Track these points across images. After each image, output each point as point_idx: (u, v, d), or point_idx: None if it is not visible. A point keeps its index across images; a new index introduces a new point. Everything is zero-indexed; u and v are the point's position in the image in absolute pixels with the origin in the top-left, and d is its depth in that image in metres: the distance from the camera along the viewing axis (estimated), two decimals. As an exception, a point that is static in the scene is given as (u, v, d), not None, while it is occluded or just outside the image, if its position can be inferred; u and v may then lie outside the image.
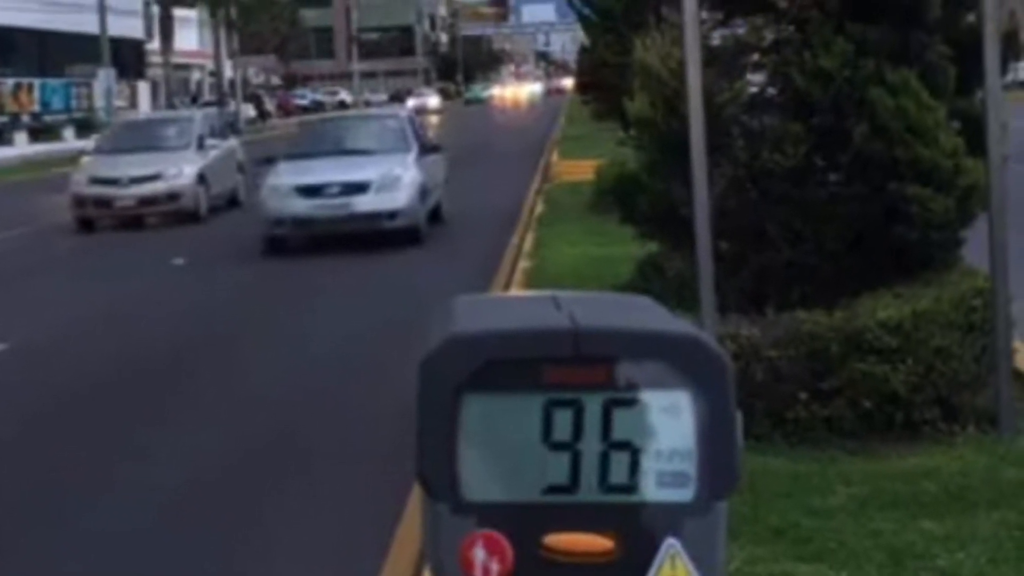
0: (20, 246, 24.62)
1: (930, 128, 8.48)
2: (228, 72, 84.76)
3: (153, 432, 10.43)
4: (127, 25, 75.93)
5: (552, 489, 3.17)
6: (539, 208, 24.65)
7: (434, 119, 77.75)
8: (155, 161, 26.69)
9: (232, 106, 75.95)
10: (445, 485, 3.16)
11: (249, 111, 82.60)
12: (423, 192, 21.53)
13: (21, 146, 60.83)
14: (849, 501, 7.02)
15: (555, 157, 37.92)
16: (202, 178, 27.01)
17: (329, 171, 21.43)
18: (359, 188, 20.97)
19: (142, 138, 28.42)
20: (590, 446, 3.17)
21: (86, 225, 26.40)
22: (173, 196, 26.50)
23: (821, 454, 7.85)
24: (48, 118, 68.11)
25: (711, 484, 3.18)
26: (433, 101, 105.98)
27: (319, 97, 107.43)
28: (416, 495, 6.03)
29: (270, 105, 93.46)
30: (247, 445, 9.93)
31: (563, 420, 3.16)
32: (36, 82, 67.81)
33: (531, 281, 15.54)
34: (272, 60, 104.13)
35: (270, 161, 22.82)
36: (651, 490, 3.17)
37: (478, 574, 3.16)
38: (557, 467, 3.17)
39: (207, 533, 8.01)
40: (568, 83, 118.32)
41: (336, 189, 20.99)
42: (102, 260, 22.52)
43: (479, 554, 3.16)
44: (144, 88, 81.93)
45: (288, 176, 21.50)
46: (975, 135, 8.28)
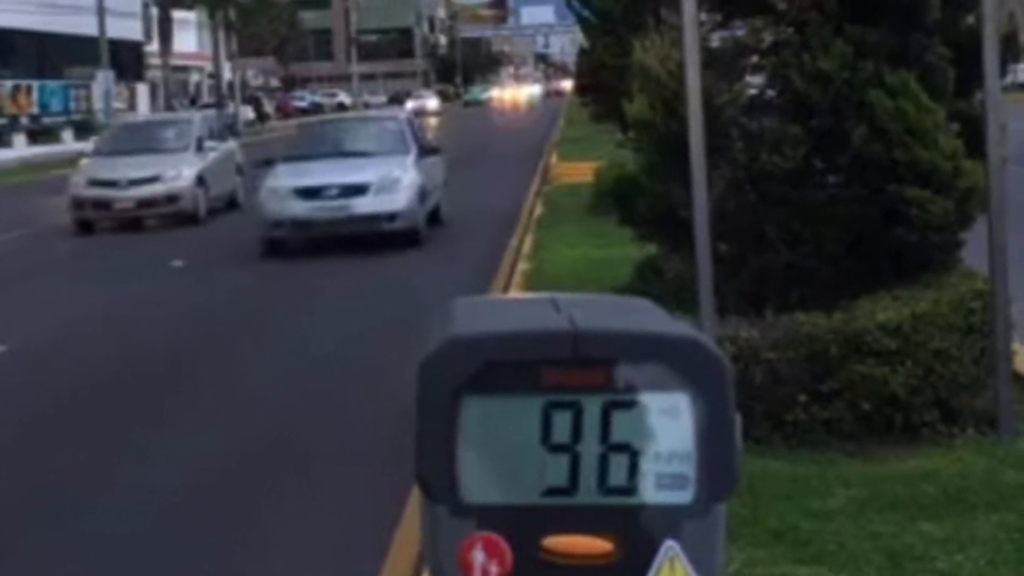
0: (19, 248, 24.61)
1: (929, 130, 8.48)
2: (227, 74, 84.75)
3: (152, 434, 10.43)
4: (126, 27, 75.91)
5: (551, 491, 3.17)
6: (538, 210, 24.64)
7: (433, 121, 77.75)
8: (154, 163, 26.67)
9: (231, 108, 75.93)
10: (444, 487, 3.16)
11: (248, 113, 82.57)
12: (422, 194, 21.52)
13: (20, 148, 60.81)
14: (848, 503, 7.02)
15: (554, 159, 37.92)
16: (201, 180, 26.99)
17: (328, 173, 21.42)
18: (358, 190, 20.95)
19: (141, 140, 28.41)
20: (589, 448, 3.17)
21: (85, 227, 26.39)
22: (172, 198, 26.49)
23: (820, 456, 7.84)
24: (47, 120, 68.07)
25: (710, 486, 3.18)
26: (432, 103, 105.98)
27: (318, 99, 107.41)
28: (415, 497, 6.03)
29: (269, 107, 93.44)
30: (246, 447, 9.93)
31: (562, 422, 3.16)
32: (35, 84, 67.78)
33: (530, 283, 15.53)
34: (271, 62, 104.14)
35: (269, 163, 22.80)
36: (650, 492, 3.17)
37: (477, 576, 3.16)
38: (556, 469, 3.17)
39: (206, 535, 8.01)
40: (567, 85, 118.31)
41: (335, 191, 20.97)
42: (101, 262, 22.51)
43: (478, 556, 3.16)
44: (143, 90, 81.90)
45: (287, 178, 21.49)
46: (974, 137, 8.28)
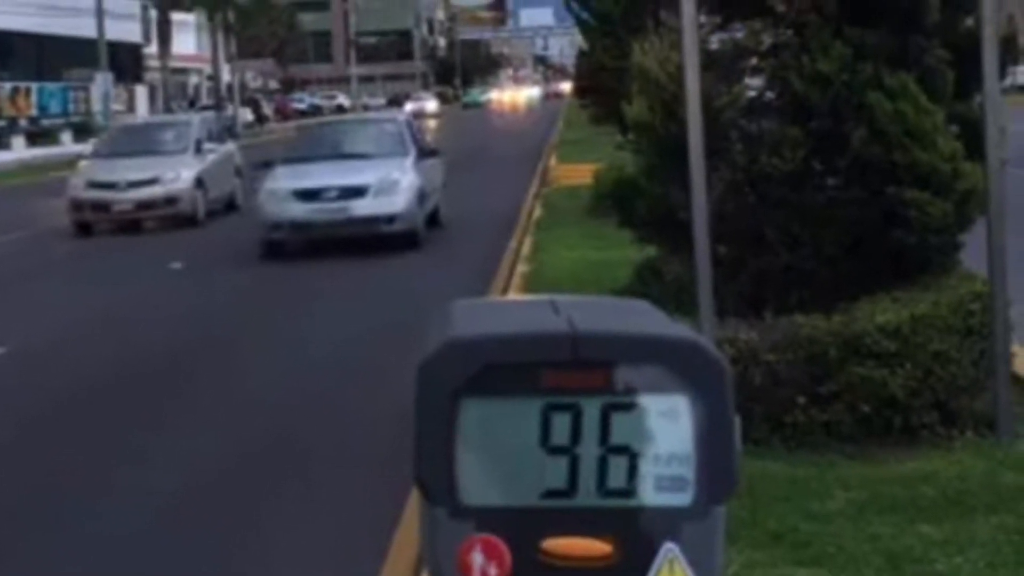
0: (18, 250, 24.61)
1: (928, 132, 8.48)
2: (226, 76, 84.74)
3: (151, 436, 10.42)
4: (125, 29, 75.96)
5: (550, 493, 3.16)
6: (537, 212, 24.64)
7: (432, 123, 77.75)
8: (153, 165, 26.67)
9: (230, 110, 75.93)
10: (443, 489, 3.15)
11: (247, 115, 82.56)
12: (421, 196, 21.51)
13: (19, 150, 60.84)
14: (847, 505, 7.01)
15: (553, 161, 37.93)
16: (200, 182, 26.99)
17: (327, 175, 21.42)
18: (357, 192, 20.95)
19: (140, 142, 28.41)
20: (588, 450, 3.17)
21: (84, 229, 26.38)
22: (171, 200, 26.47)
23: (819, 458, 7.84)
24: (46, 122, 68.08)
25: (709, 488, 3.18)
26: (431, 105, 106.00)
27: (317, 101, 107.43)
28: (414, 499, 6.03)
29: (268, 109, 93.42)
30: (245, 449, 9.92)
31: (561, 424, 3.16)
32: (34, 86, 67.80)
33: (529, 285, 15.53)
34: (270, 64, 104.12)
35: (268, 165, 22.79)
36: (649, 494, 3.17)
37: (476, 579, 3.16)
38: (555, 471, 3.17)
39: (205, 537, 8.01)
40: (566, 87, 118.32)
41: (334, 193, 20.97)
42: (100, 264, 22.51)
43: (477, 558, 3.15)
44: (142, 92, 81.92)
45: (286, 180, 21.48)
46: (974, 139, 8.28)
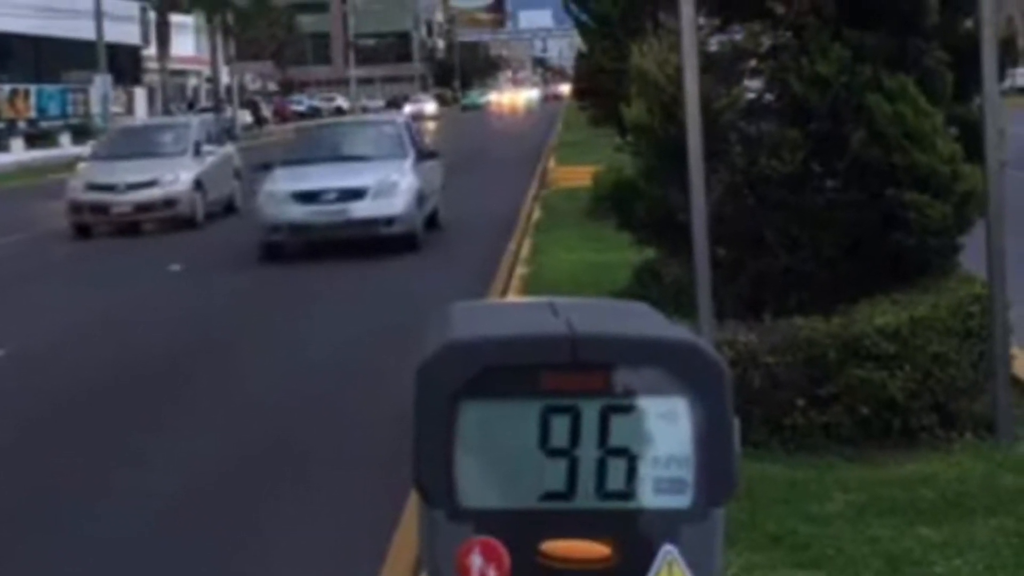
0: (17, 252, 24.59)
1: (928, 134, 8.47)
2: (225, 78, 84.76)
3: (150, 438, 10.41)
4: (123, 31, 76.01)
5: (549, 496, 3.16)
6: (536, 214, 24.63)
7: (431, 125, 77.77)
8: (152, 167, 26.65)
9: (229, 112, 75.93)
10: (442, 491, 3.15)
11: (246, 117, 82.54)
12: (420, 198, 21.51)
13: (17, 152, 60.81)
14: (847, 508, 7.01)
15: (552, 163, 37.92)
16: (199, 184, 26.98)
17: (326, 177, 21.41)
18: (356, 194, 20.94)
19: (139, 144, 28.40)
20: (587, 452, 3.16)
21: (83, 231, 26.36)
22: (170, 202, 26.46)
23: (819, 461, 7.84)
24: (44, 124, 68.07)
25: (708, 491, 3.18)
26: (430, 107, 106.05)
27: (316, 103, 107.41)
28: (413, 501, 6.02)
29: (267, 111, 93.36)
30: (244, 451, 9.92)
31: (560, 426, 3.16)
32: (32, 88, 67.80)
33: (528, 287, 15.52)
34: (269, 66, 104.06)
35: (267, 167, 22.78)
36: (648, 497, 3.17)
37: (475, 581, 3.16)
38: (554, 473, 3.16)
39: (204, 539, 8.00)
40: (565, 89, 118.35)
41: (333, 195, 20.96)
42: (99, 266, 22.50)
43: (476, 561, 3.15)
44: (140, 94, 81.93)
45: (285, 182, 21.47)
46: (973, 141, 8.27)
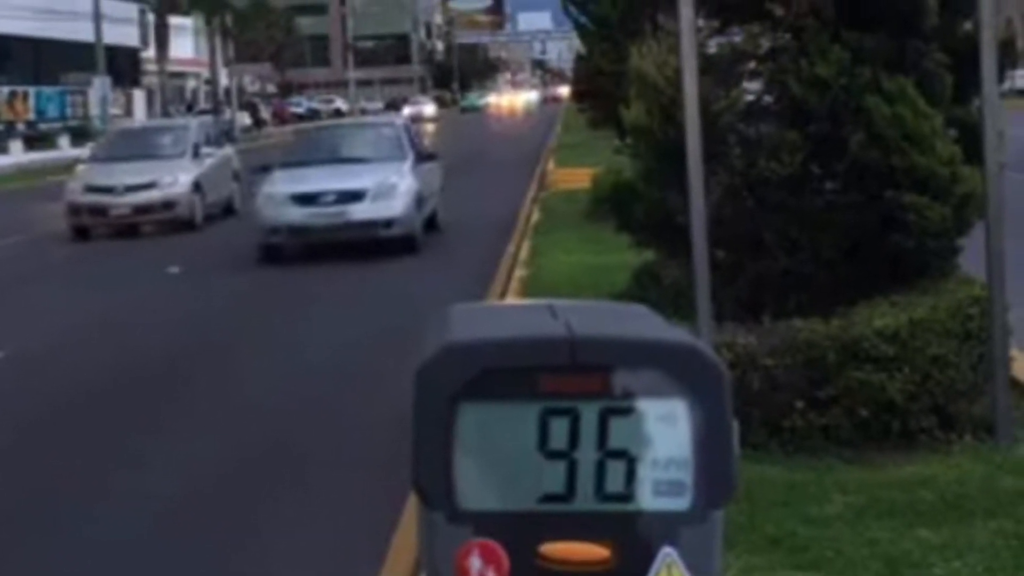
0: (15, 254, 24.60)
1: (927, 136, 8.47)
2: (223, 80, 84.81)
3: (149, 440, 10.41)
4: (122, 33, 76.04)
5: (548, 498, 3.16)
6: (535, 216, 24.63)
7: (430, 127, 77.77)
8: (150, 169, 26.66)
9: (227, 114, 75.95)
10: (441, 494, 3.15)
11: (244, 119, 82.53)
12: (419, 200, 21.51)
13: (16, 154, 60.80)
14: (846, 510, 7.01)
15: (551, 165, 37.92)
16: (198, 186, 26.98)
17: (325, 179, 21.41)
18: (355, 196, 20.94)
19: (137, 146, 28.40)
20: (586, 455, 3.16)
21: (81, 233, 26.36)
22: (168, 204, 26.46)
23: (818, 463, 7.83)
24: (43, 126, 68.12)
25: (707, 493, 3.17)
26: (429, 109, 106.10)
27: (315, 105, 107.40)
28: (412, 503, 6.02)
29: (266, 113, 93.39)
30: (243, 453, 9.91)
31: (559, 429, 3.15)
32: (31, 90, 67.86)
33: (527, 289, 15.52)
34: (268, 68, 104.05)
35: (266, 169, 22.78)
36: (647, 499, 3.17)
37: (474, 583, 3.16)
38: (553, 476, 3.16)
39: (203, 541, 8.00)
40: (564, 91, 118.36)
41: (332, 197, 20.96)
42: (97, 268, 22.50)
43: (475, 563, 3.15)
44: (139, 96, 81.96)
45: (284, 184, 21.47)
46: (972, 143, 8.27)
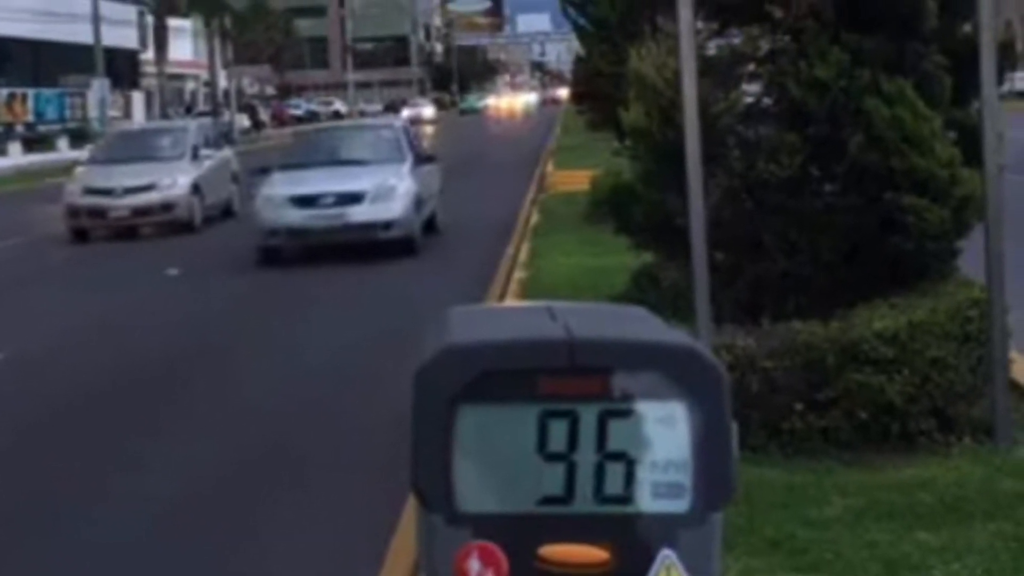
0: (14, 256, 24.59)
1: (926, 138, 8.47)
2: (222, 82, 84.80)
3: (147, 442, 10.41)
4: (121, 35, 76.04)
5: (547, 500, 3.16)
6: (534, 218, 24.63)
7: (429, 129, 77.79)
8: (149, 171, 26.64)
9: (226, 116, 75.96)
10: (440, 496, 3.15)
11: (243, 121, 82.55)
12: (418, 202, 21.50)
13: (15, 156, 60.81)
14: (845, 512, 7.01)
15: (550, 167, 37.92)
16: (196, 188, 26.97)
17: (324, 181, 21.41)
18: (354, 198, 20.94)
19: (136, 148, 28.38)
20: (585, 457, 3.16)
21: (80, 235, 26.36)
22: (167, 206, 26.46)
23: (817, 465, 7.83)
24: (42, 128, 68.08)
25: (707, 495, 3.17)
26: (428, 111, 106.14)
27: (314, 107, 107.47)
28: (411, 506, 6.02)
29: (264, 115, 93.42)
30: (242, 455, 9.91)
31: (558, 431, 3.15)
32: (30, 92, 67.82)
33: (526, 292, 15.52)
34: (266, 70, 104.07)
35: (265, 171, 22.77)
36: (646, 501, 3.16)
37: (473, 586, 3.15)
38: (552, 478, 3.16)
39: (202, 544, 7.99)
40: (563, 93, 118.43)
41: (331, 199, 20.96)
42: (96, 270, 22.49)
43: (474, 565, 3.15)
44: (138, 98, 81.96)
45: (283, 186, 21.46)
46: (971, 145, 8.27)
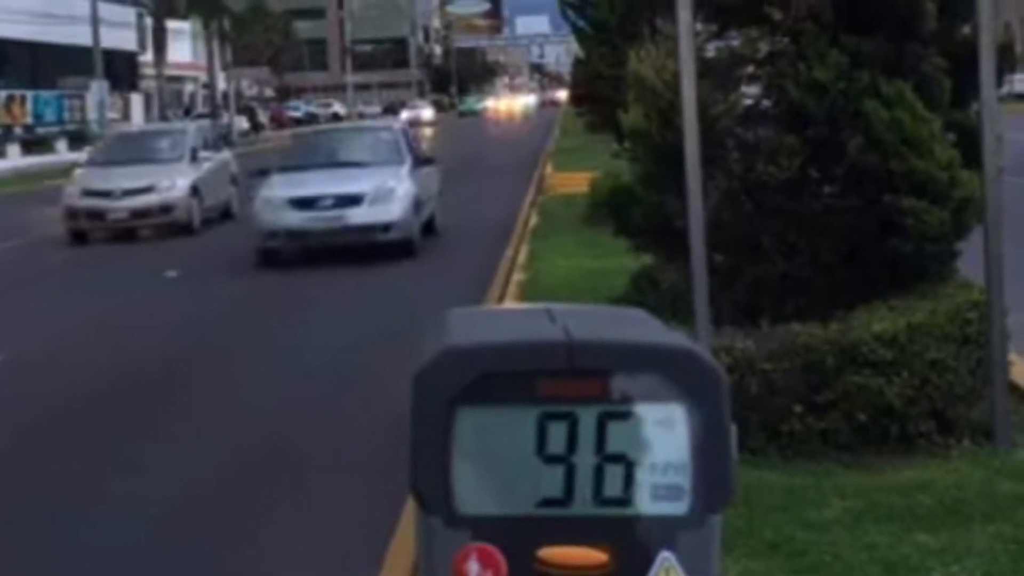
0: (13, 258, 24.58)
1: (925, 140, 8.47)
2: (221, 84, 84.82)
3: (146, 444, 10.40)
4: (120, 37, 76.02)
5: (546, 502, 3.16)
6: (533, 220, 24.63)
7: (428, 131, 77.78)
8: (148, 173, 26.64)
9: (225, 118, 75.98)
10: (439, 498, 3.15)
11: (242, 123, 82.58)
12: (417, 204, 21.50)
13: (14, 158, 60.79)
14: (844, 514, 7.00)
15: (549, 169, 37.93)
16: (195, 190, 26.97)
17: (323, 183, 21.41)
18: (353, 200, 20.94)
19: (135, 150, 28.37)
20: (584, 459, 3.16)
21: (79, 237, 26.35)
22: (166, 208, 26.45)
23: (816, 467, 7.83)
24: (41, 130, 68.04)
25: (706, 497, 3.17)
26: (427, 113, 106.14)
27: (313, 109, 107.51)
28: (410, 508, 6.01)
29: (263, 117, 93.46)
30: (241, 457, 9.91)
31: (557, 433, 3.15)
32: (29, 94, 67.75)
33: (525, 294, 15.52)
34: (265, 72, 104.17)
35: (263, 173, 22.77)
36: (645, 503, 3.16)
37: (472, 588, 3.15)
38: (551, 480, 3.16)
39: (201, 545, 7.99)
40: (562, 95, 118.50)
41: (330, 201, 20.95)
42: (95, 272, 22.49)
43: (473, 567, 3.14)
44: (137, 100, 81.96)
45: (281, 188, 21.47)
46: (970, 147, 8.27)
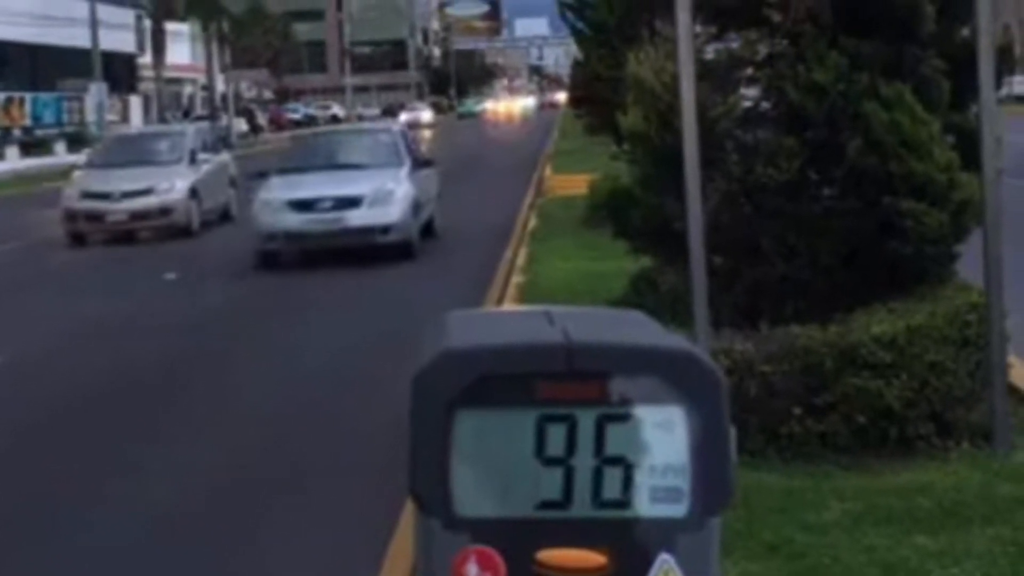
0: (12, 260, 24.59)
1: (924, 142, 8.47)
2: (220, 86, 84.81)
3: (145, 446, 10.40)
4: (119, 39, 75.99)
5: (545, 505, 3.16)
6: (532, 222, 24.63)
7: (427, 133, 77.83)
8: (147, 175, 26.66)
9: (224, 120, 76.01)
10: (438, 500, 3.15)
11: (241, 125, 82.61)
12: (416, 206, 21.51)
13: (12, 160, 60.81)
14: (843, 517, 7.00)
15: (548, 171, 37.93)
16: (194, 192, 26.97)
17: (321, 185, 21.41)
18: (352, 202, 20.94)
19: (134, 152, 28.38)
20: (583, 461, 3.16)
21: (78, 239, 26.36)
22: (165, 211, 26.46)
23: (815, 469, 7.83)
24: (39, 132, 68.04)
25: (705, 499, 3.17)
26: (426, 115, 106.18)
27: (312, 111, 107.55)
28: (409, 510, 6.01)
29: (262, 119, 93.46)
30: (240, 459, 9.91)
31: (556, 435, 3.15)
32: (28, 96, 67.77)
33: (524, 296, 15.52)
34: (264, 74, 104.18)
35: (262, 175, 22.79)
36: (644, 505, 3.16)
37: (471, 590, 3.15)
38: (550, 482, 3.16)
39: (200, 547, 7.99)
40: (561, 97, 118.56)
41: (329, 203, 20.96)
42: (94, 274, 22.49)
43: (472, 570, 3.14)
44: (136, 102, 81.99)
45: (280, 190, 21.47)
46: (970, 149, 8.27)
